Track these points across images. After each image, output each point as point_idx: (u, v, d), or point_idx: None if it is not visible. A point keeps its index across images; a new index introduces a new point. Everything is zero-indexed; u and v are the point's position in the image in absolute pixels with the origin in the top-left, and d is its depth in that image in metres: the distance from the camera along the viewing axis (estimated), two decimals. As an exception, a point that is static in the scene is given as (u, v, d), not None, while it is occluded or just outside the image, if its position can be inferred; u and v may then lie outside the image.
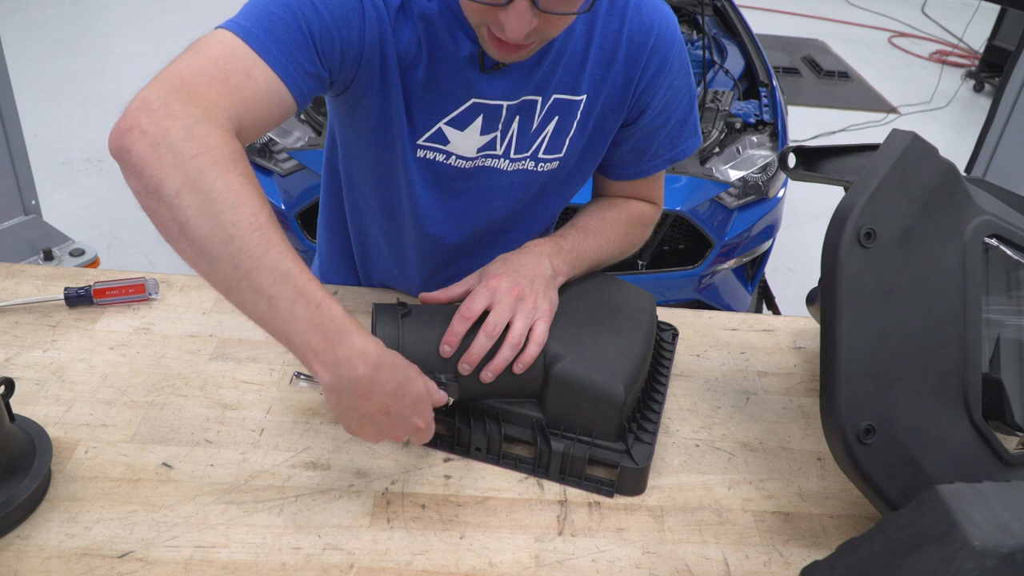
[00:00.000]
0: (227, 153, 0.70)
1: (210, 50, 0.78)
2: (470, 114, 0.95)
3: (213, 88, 0.75)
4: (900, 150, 0.77)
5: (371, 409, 0.74)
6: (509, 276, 0.91)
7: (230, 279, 0.69)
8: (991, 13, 5.51)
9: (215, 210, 0.68)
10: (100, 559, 0.75)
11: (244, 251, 0.68)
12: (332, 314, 0.70)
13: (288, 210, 2.28)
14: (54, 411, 0.92)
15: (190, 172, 0.68)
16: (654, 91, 1.00)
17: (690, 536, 0.85)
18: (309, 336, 0.70)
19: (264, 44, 0.80)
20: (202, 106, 0.73)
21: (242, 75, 0.78)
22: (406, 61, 0.92)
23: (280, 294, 0.69)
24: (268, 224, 0.69)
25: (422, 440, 0.82)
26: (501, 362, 0.87)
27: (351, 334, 0.71)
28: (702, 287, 2.44)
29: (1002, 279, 0.84)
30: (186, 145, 0.69)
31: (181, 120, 0.70)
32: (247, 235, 0.68)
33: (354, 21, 0.86)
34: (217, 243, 0.68)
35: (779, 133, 2.50)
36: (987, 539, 0.61)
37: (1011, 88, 2.13)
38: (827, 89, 5.31)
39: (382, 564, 0.78)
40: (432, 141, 0.98)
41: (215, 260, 0.69)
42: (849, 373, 0.75)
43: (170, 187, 0.68)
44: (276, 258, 0.69)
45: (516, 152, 1.01)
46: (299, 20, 0.82)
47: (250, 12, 0.82)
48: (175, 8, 5.62)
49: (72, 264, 2.17)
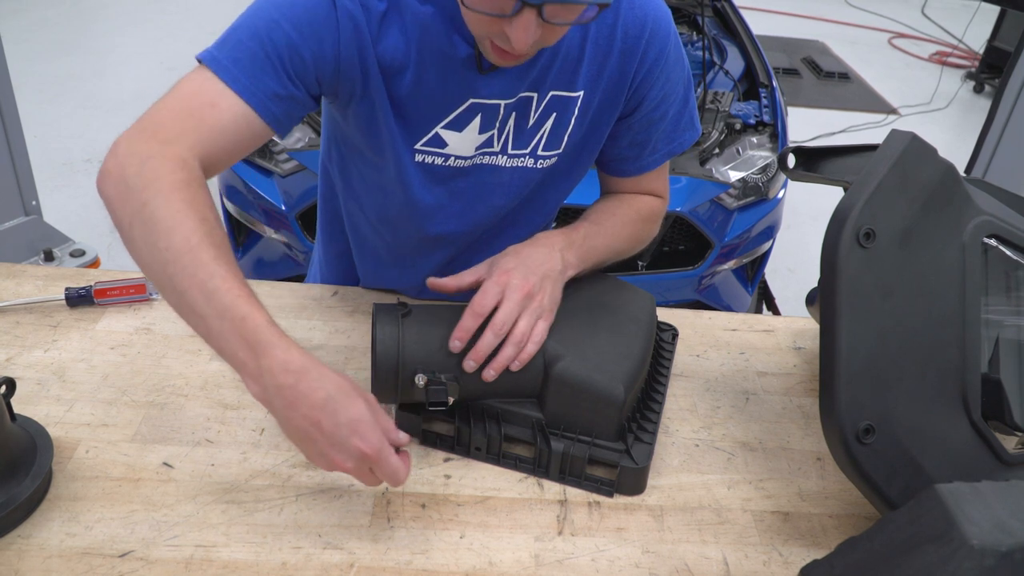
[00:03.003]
0: (171, 182, 0.75)
1: (182, 86, 0.84)
2: (468, 114, 0.95)
3: (176, 123, 0.81)
4: (899, 150, 0.77)
5: (301, 422, 0.72)
6: (520, 272, 0.91)
7: (174, 301, 0.75)
8: (991, 14, 5.51)
9: (153, 238, 0.74)
10: (101, 558, 0.75)
11: (177, 274, 0.73)
12: (255, 326, 0.72)
13: (288, 210, 2.28)
14: (55, 411, 0.92)
15: (135, 205, 0.75)
16: (650, 84, 1.00)
17: (690, 536, 0.85)
18: (236, 349, 0.72)
19: (231, 72, 0.83)
20: (160, 142, 0.79)
21: (207, 106, 0.82)
22: (392, 68, 0.91)
23: (209, 312, 0.72)
24: (201, 244, 0.73)
25: (394, 479, 0.75)
26: (503, 360, 0.87)
27: (273, 345, 0.71)
28: (702, 288, 2.44)
29: (1001, 279, 0.85)
30: (136, 180, 0.75)
31: (136, 158, 0.77)
32: (179, 258, 0.72)
33: (326, 36, 0.86)
34: (157, 269, 0.74)
35: (779, 134, 2.50)
36: (986, 538, 0.61)
37: (1011, 89, 2.14)
38: (827, 90, 5.31)
39: (382, 563, 0.78)
40: (430, 145, 0.98)
41: (160, 286, 0.75)
42: (849, 373, 0.75)
43: (125, 222, 0.76)
44: (203, 278, 0.72)
45: (514, 148, 1.01)
46: (265, 45, 0.83)
47: (222, 40, 0.85)
48: (175, 8, 5.62)
49: (73, 264, 2.18)
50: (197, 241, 0.73)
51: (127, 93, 4.22)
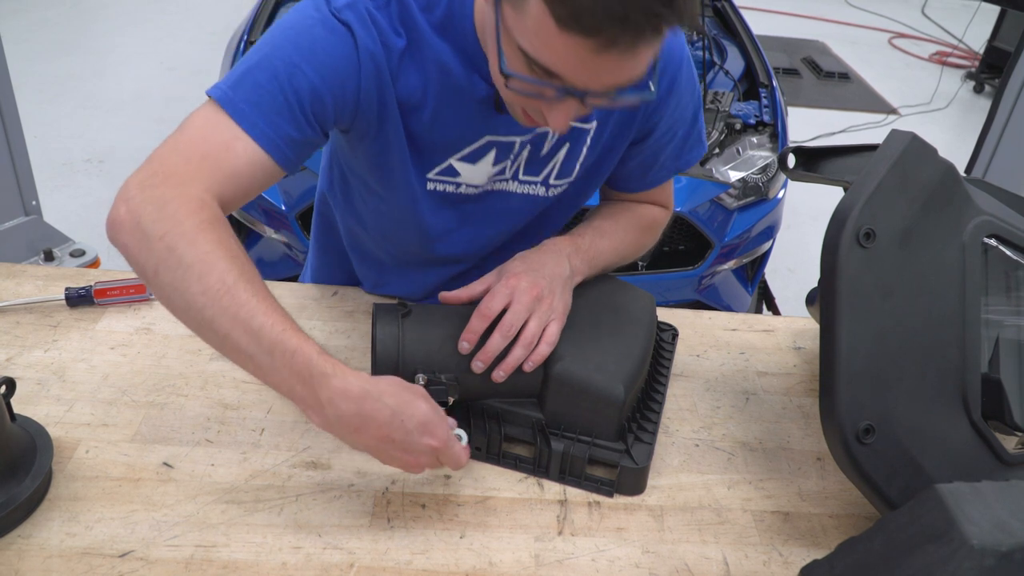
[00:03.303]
0: (193, 225, 0.73)
1: (192, 128, 0.81)
2: (483, 150, 0.95)
3: (190, 166, 0.78)
4: (899, 151, 0.77)
5: (372, 441, 0.75)
6: (528, 276, 0.91)
7: (215, 342, 0.74)
8: (991, 14, 5.51)
9: (185, 284, 0.72)
10: (101, 558, 0.75)
11: (218, 317, 0.72)
12: (308, 359, 0.72)
13: (288, 210, 2.28)
14: (55, 411, 0.92)
15: (161, 253, 0.73)
16: (663, 112, 1.00)
17: (690, 536, 0.85)
18: (293, 384, 0.73)
19: (248, 117, 0.80)
20: (175, 185, 0.76)
21: (221, 149, 0.79)
22: (409, 104, 0.90)
23: (257, 351, 0.72)
24: (237, 284, 0.72)
25: (457, 464, 0.79)
26: (513, 361, 0.87)
27: (328, 376, 0.72)
28: (702, 288, 2.44)
29: (1001, 279, 0.85)
30: (155, 227, 0.73)
31: (152, 204, 0.74)
32: (217, 301, 0.71)
33: (348, 78, 0.84)
34: (195, 314, 0.73)
35: (779, 134, 2.50)
36: (986, 538, 0.61)
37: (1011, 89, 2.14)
38: (827, 90, 5.31)
39: (382, 563, 0.78)
40: (443, 175, 0.97)
41: (200, 329, 0.74)
42: (849, 373, 0.75)
43: (150, 269, 0.74)
44: (246, 317, 0.72)
45: (525, 174, 1.00)
46: (286, 89, 0.81)
47: (237, 79, 0.81)
48: (175, 8, 5.62)
49: (73, 264, 2.18)
50: (233, 281, 0.72)
51: (127, 93, 4.22)
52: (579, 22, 0.67)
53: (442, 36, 0.87)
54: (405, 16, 0.86)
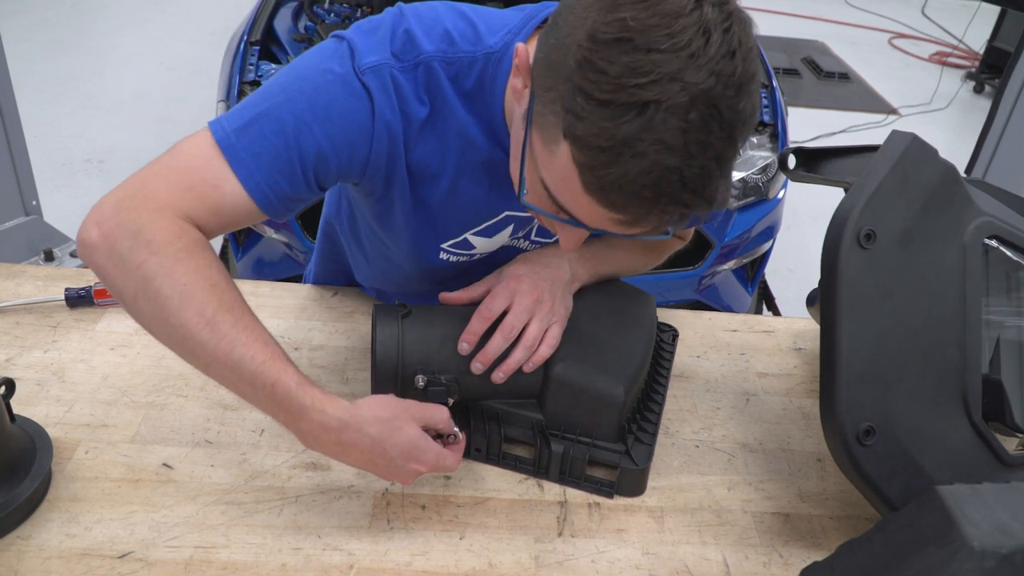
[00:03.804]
0: (172, 253, 0.71)
1: (182, 157, 0.77)
2: (501, 224, 0.93)
3: (171, 193, 0.74)
4: (900, 151, 0.77)
5: (358, 462, 0.77)
6: (530, 278, 0.90)
7: (200, 369, 0.74)
8: (991, 14, 5.50)
9: (164, 315, 0.71)
10: (100, 559, 0.75)
11: (197, 349, 0.72)
12: (286, 392, 0.72)
13: (288, 211, 2.28)
14: (55, 411, 0.92)
15: (138, 281, 0.71)
16: None
17: (690, 537, 0.85)
18: (276, 413, 0.74)
19: (246, 166, 0.76)
20: (151, 210, 0.73)
21: (209, 186, 0.76)
22: (424, 173, 0.86)
23: (237, 381, 0.72)
24: (216, 315, 0.71)
25: (446, 470, 0.81)
26: (514, 363, 0.87)
27: (307, 409, 0.73)
28: (702, 288, 2.43)
29: (1002, 280, 0.85)
30: (132, 254, 0.71)
31: (128, 228, 0.71)
32: (196, 334, 0.71)
33: (359, 145, 0.80)
34: (175, 344, 0.73)
35: (779, 134, 2.50)
36: (986, 540, 0.61)
37: (1011, 89, 2.14)
38: (827, 90, 5.31)
39: (382, 564, 0.78)
40: (457, 247, 0.96)
41: (182, 356, 0.74)
42: (849, 374, 0.75)
43: (127, 296, 0.73)
44: (226, 350, 0.71)
45: (538, 235, 0.99)
46: (291, 147, 0.77)
47: (242, 125, 0.77)
48: (175, 8, 5.62)
49: (73, 265, 2.18)
50: (211, 313, 0.71)
51: (127, 93, 4.22)
52: (606, 196, 0.65)
53: (468, 107, 0.83)
54: (432, 83, 0.81)
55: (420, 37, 0.80)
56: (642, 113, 0.60)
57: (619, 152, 0.61)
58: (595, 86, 0.61)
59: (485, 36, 0.82)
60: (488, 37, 0.82)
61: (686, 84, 0.60)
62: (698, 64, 0.60)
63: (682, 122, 0.60)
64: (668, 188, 0.63)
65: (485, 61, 0.81)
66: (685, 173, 0.62)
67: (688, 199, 0.64)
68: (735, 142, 0.63)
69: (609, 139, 0.61)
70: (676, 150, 0.61)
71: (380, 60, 0.79)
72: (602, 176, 0.63)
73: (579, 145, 0.63)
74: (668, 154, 0.61)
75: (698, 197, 0.64)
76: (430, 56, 0.80)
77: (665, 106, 0.60)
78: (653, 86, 0.59)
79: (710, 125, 0.61)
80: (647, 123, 0.60)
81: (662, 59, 0.59)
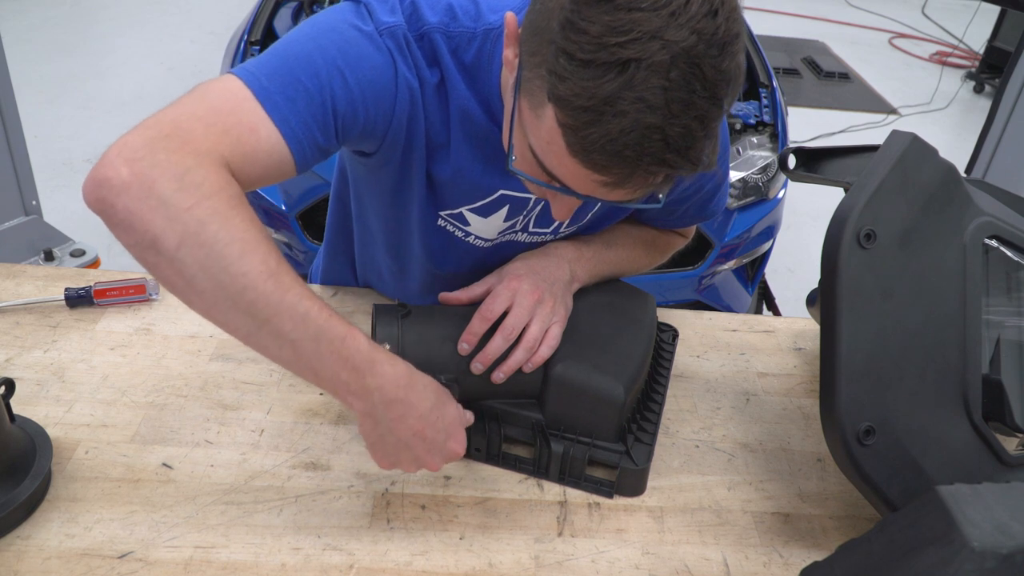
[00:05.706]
0: (226, 200, 0.66)
1: (214, 97, 0.71)
2: (496, 204, 0.93)
3: (210, 137, 0.68)
4: (900, 151, 0.77)
5: (406, 433, 0.75)
6: (530, 278, 0.90)
7: (247, 328, 0.68)
8: (991, 14, 5.50)
9: (223, 264, 0.64)
10: (100, 559, 0.75)
11: (259, 301, 0.66)
12: (358, 346, 0.70)
13: (288, 211, 2.28)
14: (54, 411, 0.92)
15: (189, 226, 0.63)
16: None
17: (690, 537, 0.85)
18: (338, 371, 0.70)
19: (281, 110, 0.72)
20: (193, 153, 0.66)
21: (246, 129, 0.71)
22: (435, 143, 0.86)
23: (303, 336, 0.68)
24: (279, 269, 0.67)
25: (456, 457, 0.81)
26: (514, 363, 0.87)
27: (379, 362, 0.72)
28: (702, 288, 2.43)
29: (1002, 280, 0.85)
30: (179, 197, 0.64)
31: (169, 170, 0.64)
32: (260, 284, 0.65)
33: (385, 101, 0.79)
34: (229, 295, 0.65)
35: (779, 134, 2.50)
36: (986, 540, 0.61)
37: (1011, 89, 2.14)
38: (827, 90, 5.31)
39: (382, 564, 0.78)
40: (453, 219, 0.95)
41: (229, 311, 0.67)
42: (849, 374, 0.75)
43: (169, 243, 0.64)
44: (293, 302, 0.67)
45: (535, 227, 0.99)
46: (325, 94, 0.74)
47: (272, 70, 0.73)
48: (175, 9, 5.62)
49: (73, 265, 2.17)
50: (275, 264, 0.66)
51: (127, 93, 4.22)
52: (589, 157, 0.64)
53: (467, 82, 0.83)
54: (436, 55, 0.81)
55: (424, 9, 0.81)
56: (623, 72, 0.60)
57: (601, 112, 0.61)
58: (577, 46, 0.61)
59: (486, 13, 0.82)
60: (489, 15, 0.82)
61: (667, 42, 0.59)
62: (679, 22, 0.60)
63: (663, 80, 0.60)
64: (650, 147, 0.62)
65: (484, 37, 0.82)
66: (667, 132, 0.62)
67: (671, 159, 0.64)
68: (719, 102, 0.63)
69: (591, 98, 0.61)
70: (657, 109, 0.61)
71: (396, 22, 0.79)
72: (584, 136, 0.63)
73: (562, 106, 0.63)
74: (649, 113, 0.61)
75: (682, 157, 0.64)
76: (432, 27, 0.80)
77: (646, 64, 0.60)
78: (633, 44, 0.59)
79: (692, 84, 0.61)
80: (628, 82, 0.60)
81: (643, 17, 0.59)
